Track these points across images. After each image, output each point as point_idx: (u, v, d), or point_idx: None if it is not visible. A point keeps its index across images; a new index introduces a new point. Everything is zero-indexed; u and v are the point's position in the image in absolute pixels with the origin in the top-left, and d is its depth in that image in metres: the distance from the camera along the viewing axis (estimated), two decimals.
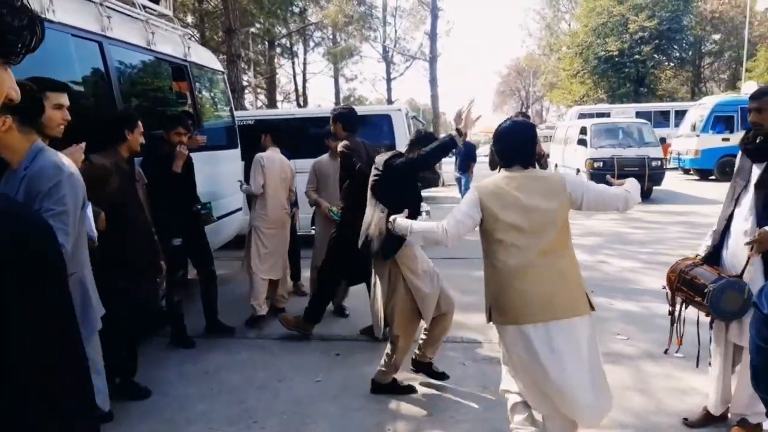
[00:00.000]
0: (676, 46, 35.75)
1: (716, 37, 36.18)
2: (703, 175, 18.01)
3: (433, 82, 20.73)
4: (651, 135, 13.99)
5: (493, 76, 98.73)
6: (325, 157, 5.32)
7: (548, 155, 7.54)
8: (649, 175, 12.68)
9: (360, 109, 11.12)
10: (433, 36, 20.99)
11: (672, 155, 19.12)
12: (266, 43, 28.36)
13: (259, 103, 32.91)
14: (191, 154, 4.53)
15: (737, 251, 2.99)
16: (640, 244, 8.34)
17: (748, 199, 2.98)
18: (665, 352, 3.32)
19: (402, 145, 8.19)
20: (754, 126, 2.88)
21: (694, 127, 17.93)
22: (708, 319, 3.09)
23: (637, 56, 33.76)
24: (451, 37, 79.70)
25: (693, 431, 3.16)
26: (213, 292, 4.80)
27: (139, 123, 3.61)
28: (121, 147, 3.53)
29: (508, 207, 2.52)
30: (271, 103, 30.15)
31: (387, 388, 3.63)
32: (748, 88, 19.92)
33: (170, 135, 4.31)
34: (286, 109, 26.68)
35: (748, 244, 2.86)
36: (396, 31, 38.60)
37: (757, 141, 2.97)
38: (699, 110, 18.69)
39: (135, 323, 3.66)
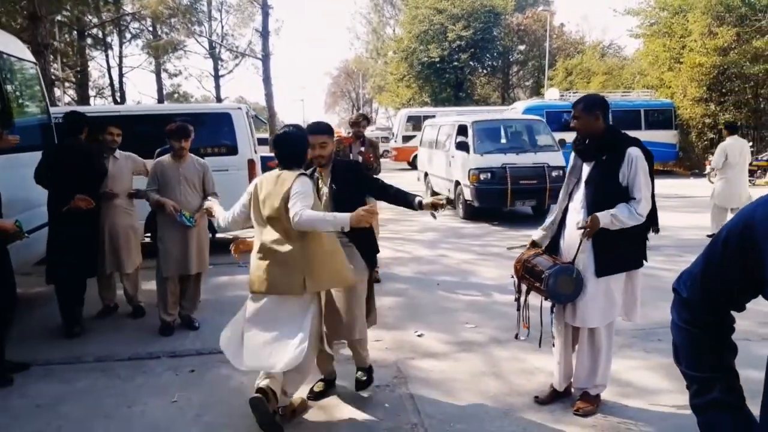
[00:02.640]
0: (488, 55, 39.15)
1: (522, 47, 40.23)
2: None
3: (267, 80, 20.34)
4: (547, 136, 11.02)
5: (324, 77, 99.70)
6: (166, 158, 4.92)
7: (377, 165, 6.37)
8: (550, 189, 9.42)
9: (196, 108, 10.64)
10: (265, 33, 20.58)
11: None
12: (75, 32, 25.68)
13: (68, 99, 29.75)
14: None
15: (571, 241, 3.33)
16: (473, 237, 8.98)
17: (580, 194, 3.35)
18: (516, 336, 3.59)
19: (244, 145, 7.95)
20: (576, 131, 3.28)
21: None
22: (550, 303, 3.42)
23: (456, 63, 36.36)
24: (281, 37, 78.87)
25: (544, 408, 3.46)
26: (1, 325, 3.91)
27: None
28: None
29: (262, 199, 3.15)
30: (82, 99, 27.40)
31: None
32: (551, 94, 22.50)
33: None
34: (111, 106, 24.39)
35: (580, 228, 3.21)
36: (223, 27, 37.37)
37: (585, 143, 3.36)
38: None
39: None
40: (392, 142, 25.46)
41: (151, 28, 31.26)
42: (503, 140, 11.33)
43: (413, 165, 23.88)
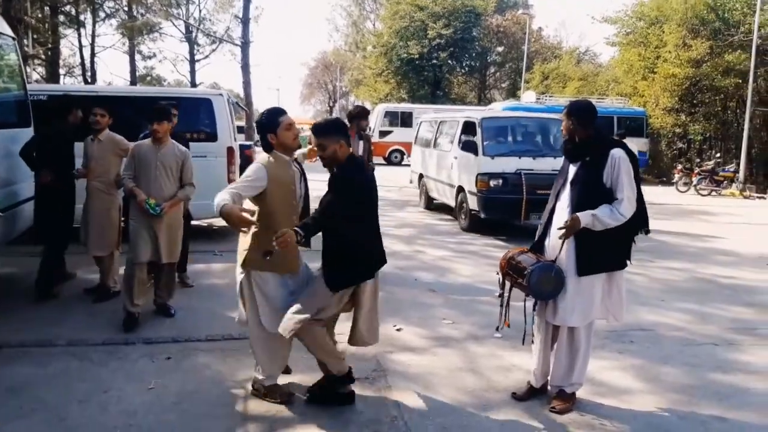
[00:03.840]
0: (467, 55, 39.38)
1: (500, 49, 40.56)
2: None
3: (245, 67, 20.10)
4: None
5: (301, 67, 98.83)
6: (146, 141, 4.77)
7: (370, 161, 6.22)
8: None
9: (176, 92, 10.43)
10: (245, 20, 20.32)
11: None
12: (48, 8, 24.91)
13: (36, 76, 28.88)
14: None
15: (556, 240, 3.39)
16: (449, 235, 9.04)
17: (566, 194, 3.41)
18: (497, 329, 3.64)
19: (224, 132, 7.84)
20: (565, 135, 3.37)
21: None
22: (532, 302, 3.47)
23: (435, 61, 36.52)
24: (260, 24, 77.97)
25: (521, 404, 3.51)
26: None
27: None
28: None
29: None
30: (53, 77, 26.62)
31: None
32: (527, 97, 22.78)
33: None
34: (87, 86, 23.74)
35: (560, 229, 3.27)
36: (201, 11, 36.76)
37: (571, 145, 3.43)
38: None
39: None
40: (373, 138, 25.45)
41: (126, 8, 30.48)
42: (517, 141, 9.66)
43: (389, 160, 23.96)
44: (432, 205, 11.47)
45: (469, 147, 8.91)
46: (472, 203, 8.84)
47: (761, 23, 17.29)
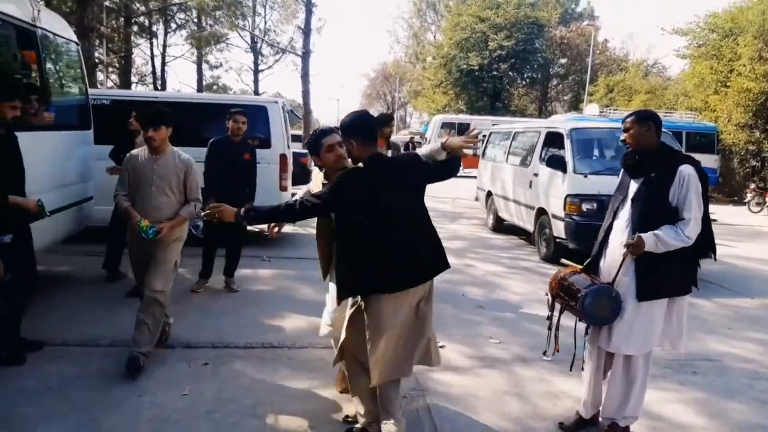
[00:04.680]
0: (528, 67, 38.71)
1: (563, 61, 39.69)
2: None
3: (305, 77, 20.42)
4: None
5: (360, 78, 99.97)
6: (141, 151, 4.06)
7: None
8: None
9: (232, 99, 10.64)
10: (306, 30, 20.68)
11: None
12: (122, 18, 26.16)
13: (110, 83, 30.33)
14: (25, 134, 3.89)
15: (613, 261, 3.14)
16: (501, 249, 8.76)
17: (626, 212, 3.15)
18: (544, 353, 3.40)
19: (277, 139, 7.89)
20: (626, 144, 3.11)
21: None
22: (584, 325, 3.23)
23: (495, 72, 36.05)
24: (322, 35, 79.54)
25: None
26: (18, 303, 3.83)
27: None
28: None
29: None
30: (125, 84, 27.89)
31: None
32: (590, 109, 22.12)
33: (2, 107, 3.58)
34: (149, 92, 24.73)
35: (625, 246, 3.00)
36: (266, 22, 37.67)
37: (636, 158, 3.16)
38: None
39: None
40: (423, 149, 25.33)
41: (196, 20, 31.64)
42: (614, 156, 7.87)
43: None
44: (502, 227, 10.24)
45: (555, 163, 7.61)
46: (557, 229, 7.54)
47: None
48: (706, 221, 3.09)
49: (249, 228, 6.91)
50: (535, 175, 8.35)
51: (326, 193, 2.82)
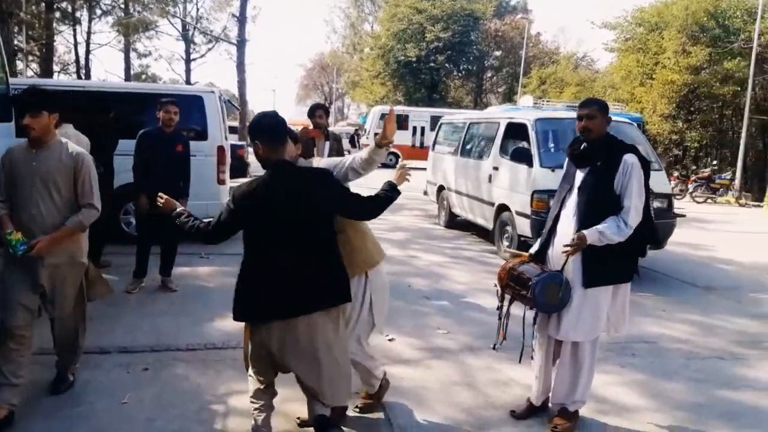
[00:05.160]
0: (464, 59, 39.28)
1: (497, 53, 40.46)
2: None
3: (240, 66, 19.88)
4: (643, 146, 6.54)
5: (297, 68, 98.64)
6: (22, 146, 3.18)
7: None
8: (654, 227, 4.74)
9: (165, 89, 10.20)
10: (242, 19, 20.12)
11: None
12: (43, 4, 24.63)
13: (30, 72, 28.57)
14: None
15: (560, 250, 3.16)
16: (444, 240, 8.82)
17: (572, 201, 3.19)
18: (493, 347, 3.41)
19: (215, 130, 7.62)
20: (585, 132, 3.08)
21: None
22: (533, 315, 3.26)
23: (432, 64, 36.39)
24: (257, 24, 77.79)
25: (520, 423, 3.29)
26: None
27: None
28: None
29: None
30: (46, 73, 26.33)
31: None
32: (525, 101, 22.56)
33: None
34: (75, 81, 23.41)
35: (566, 246, 3.04)
36: (198, 10, 36.49)
37: (582, 148, 3.20)
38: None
39: None
40: (364, 139, 25.27)
41: (123, 5, 30.22)
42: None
43: (383, 163, 23.72)
44: (455, 223, 9.77)
45: (519, 156, 7.03)
46: (522, 227, 6.99)
47: (762, 31, 17.18)
48: (647, 209, 3.17)
49: None
50: (495, 169, 7.85)
51: (226, 205, 2.67)
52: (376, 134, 19.17)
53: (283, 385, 2.96)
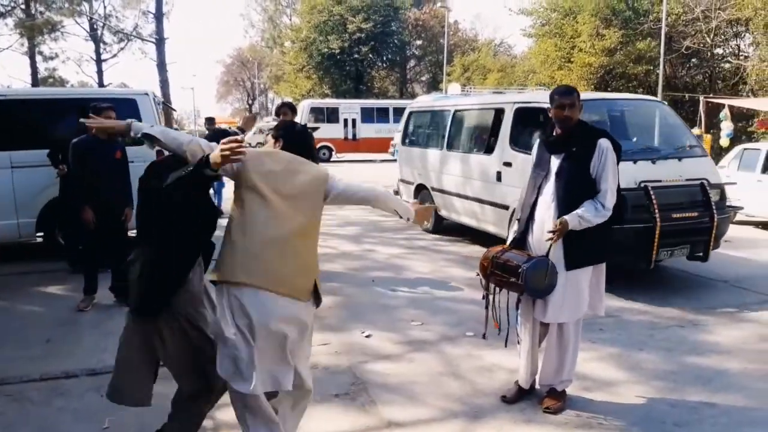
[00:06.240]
0: (387, 49, 39.43)
1: (419, 42, 40.89)
2: None
3: (161, 66, 19.08)
4: (684, 130, 6.45)
5: (215, 65, 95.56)
6: None
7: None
8: (717, 226, 5.48)
9: (97, 92, 9.62)
10: (158, 15, 19.27)
11: (395, 148, 20.95)
12: None
13: None
14: None
15: (541, 236, 3.24)
16: (395, 231, 8.84)
17: (550, 187, 3.27)
18: (483, 336, 3.46)
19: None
20: (564, 121, 3.15)
21: None
22: (515, 300, 3.33)
23: (356, 55, 36.29)
24: (171, 21, 74.81)
25: (513, 407, 3.36)
26: None
27: None
28: None
29: None
30: None
31: None
32: (453, 88, 22.94)
33: None
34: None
35: (549, 232, 3.12)
36: (106, 8, 34.64)
37: (554, 134, 3.29)
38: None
39: None
40: None
41: (23, 6, 28.23)
42: (621, 137, 5.36)
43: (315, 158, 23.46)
44: (441, 228, 8.45)
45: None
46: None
47: (668, 11, 18.21)
48: (618, 190, 3.30)
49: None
50: (507, 165, 6.55)
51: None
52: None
53: None
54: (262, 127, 18.06)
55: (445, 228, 8.46)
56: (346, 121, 26.10)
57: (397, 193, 9.33)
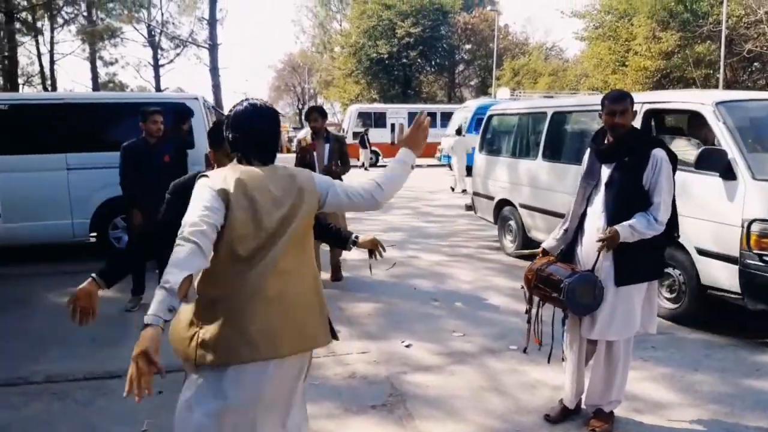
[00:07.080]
0: (435, 53, 39.33)
1: (468, 47, 40.61)
2: (469, 171, 19.88)
3: (214, 71, 19.55)
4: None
5: (267, 70, 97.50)
6: None
7: (344, 164, 5.91)
8: None
9: (149, 97, 9.91)
10: (212, 22, 19.76)
11: (442, 153, 20.81)
12: (3, 15, 23.87)
13: None
14: None
15: (590, 248, 3.09)
16: (439, 237, 8.73)
17: (600, 198, 3.12)
18: (524, 351, 3.34)
19: (201, 138, 7.42)
20: (616, 128, 3.00)
21: (459, 129, 19.67)
22: (561, 316, 3.19)
23: (404, 60, 36.34)
24: (224, 27, 76.84)
25: (556, 427, 3.22)
26: None
27: None
28: None
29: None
30: (12, 87, 25.58)
31: None
32: (502, 93, 22.69)
33: None
34: (54, 93, 22.77)
35: (599, 241, 2.97)
36: (163, 14, 35.87)
37: (606, 143, 3.13)
38: (463, 113, 20.62)
39: None
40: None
41: (86, 13, 29.50)
42: None
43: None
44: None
45: (709, 161, 4.37)
46: (717, 277, 4.50)
47: (729, 13, 17.48)
48: (673, 203, 3.12)
49: None
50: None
51: None
52: (354, 133, 18.79)
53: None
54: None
55: (489, 235, 8.31)
56: (393, 125, 26.12)
57: (470, 208, 8.67)
